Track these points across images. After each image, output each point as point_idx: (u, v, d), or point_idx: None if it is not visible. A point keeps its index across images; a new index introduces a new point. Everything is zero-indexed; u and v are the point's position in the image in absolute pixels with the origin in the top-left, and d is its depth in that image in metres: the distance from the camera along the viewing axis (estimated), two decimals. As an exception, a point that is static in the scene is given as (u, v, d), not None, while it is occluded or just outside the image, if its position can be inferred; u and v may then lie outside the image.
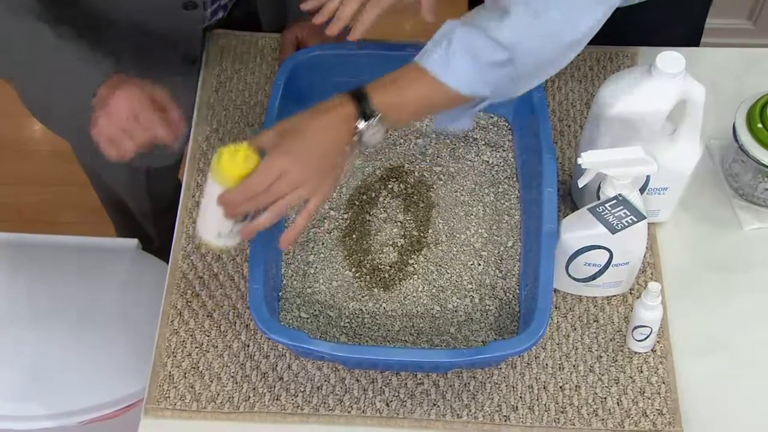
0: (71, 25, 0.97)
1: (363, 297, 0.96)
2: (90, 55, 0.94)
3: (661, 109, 0.88)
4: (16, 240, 1.28)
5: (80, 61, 0.94)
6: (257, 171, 0.81)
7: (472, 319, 0.94)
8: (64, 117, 1.00)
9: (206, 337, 0.95)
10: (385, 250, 0.98)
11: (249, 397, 0.91)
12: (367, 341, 0.93)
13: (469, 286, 0.96)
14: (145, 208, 1.42)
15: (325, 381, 0.92)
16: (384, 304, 0.95)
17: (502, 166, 1.04)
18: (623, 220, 0.87)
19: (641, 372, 0.92)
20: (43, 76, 0.97)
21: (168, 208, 1.24)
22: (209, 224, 0.85)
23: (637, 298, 0.95)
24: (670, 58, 0.86)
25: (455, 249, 0.98)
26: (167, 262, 1.01)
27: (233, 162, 0.81)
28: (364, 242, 0.99)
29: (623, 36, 1.15)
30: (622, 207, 0.87)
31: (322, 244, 0.99)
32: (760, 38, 1.97)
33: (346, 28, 1.12)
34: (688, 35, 1.21)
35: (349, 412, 0.90)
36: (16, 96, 1.23)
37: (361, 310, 0.95)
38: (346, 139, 0.83)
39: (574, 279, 0.95)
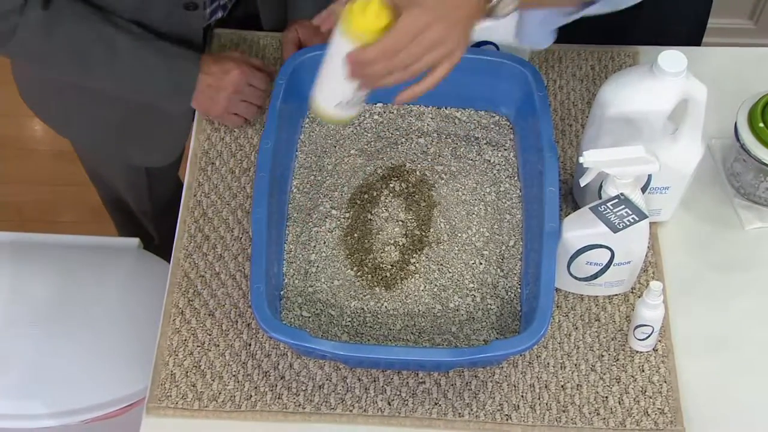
0: None
1: (365, 296, 0.96)
2: (172, 47, 1.03)
3: (663, 109, 0.88)
4: (17, 239, 1.28)
5: (170, 55, 1.03)
6: (398, 26, 0.75)
7: (473, 318, 0.94)
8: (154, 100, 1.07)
9: (208, 336, 0.95)
10: (386, 249, 0.98)
11: (251, 395, 0.91)
12: (368, 340, 0.93)
13: (471, 285, 0.96)
14: (145, 207, 1.42)
15: (327, 380, 0.92)
16: (386, 303, 0.95)
17: (504, 165, 1.04)
18: (625, 219, 0.87)
19: (643, 371, 0.92)
20: (136, 79, 1.05)
21: (169, 207, 1.24)
22: (328, 91, 0.79)
23: (639, 297, 0.95)
24: (671, 58, 0.86)
25: (457, 248, 0.98)
26: (168, 261, 1.01)
27: (365, 16, 0.75)
28: (366, 241, 0.99)
29: (625, 35, 1.15)
30: (623, 206, 0.88)
31: (324, 243, 0.99)
32: (761, 38, 1.98)
33: None
34: (691, 34, 1.21)
35: (351, 411, 0.90)
36: (17, 96, 1.23)
37: (363, 309, 0.95)
38: (482, 5, 0.79)
39: (576, 278, 0.95)
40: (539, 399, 0.91)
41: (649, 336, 0.92)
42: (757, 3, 1.91)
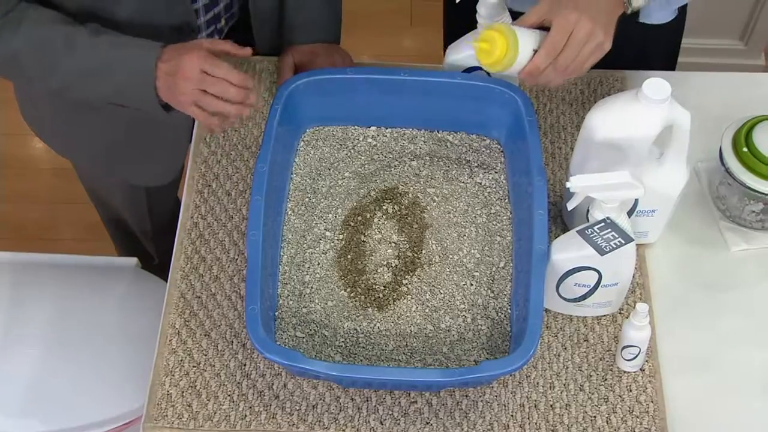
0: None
1: (358, 317, 0.98)
2: (133, 39, 0.99)
3: (648, 134, 0.90)
4: (15, 259, 1.30)
5: (129, 45, 0.99)
6: (553, 31, 0.90)
7: (464, 338, 0.96)
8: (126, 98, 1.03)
9: (204, 356, 0.96)
10: (379, 271, 1.00)
11: (246, 415, 0.93)
12: (361, 360, 0.95)
13: (462, 306, 0.98)
14: (145, 226, 1.44)
15: (321, 399, 0.94)
16: (378, 324, 0.97)
17: (495, 187, 1.06)
18: (611, 242, 0.89)
19: (630, 391, 0.94)
20: (97, 73, 1.00)
21: (168, 227, 1.26)
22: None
23: (626, 318, 0.96)
24: (655, 85, 0.88)
25: (448, 269, 1.00)
26: (167, 281, 1.03)
27: (497, 53, 0.91)
28: (359, 263, 1.01)
29: (612, 59, 1.17)
30: (610, 230, 0.90)
31: (318, 264, 1.01)
32: (751, 59, 2.00)
33: (349, 59, 1.15)
34: (669, 54, 1.25)
35: (344, 430, 0.92)
36: (18, 114, 1.26)
37: (356, 329, 0.97)
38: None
39: (565, 299, 0.97)
40: (529, 419, 0.93)
41: (636, 356, 0.93)
42: (747, 24, 1.94)
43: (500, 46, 0.90)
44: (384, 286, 0.99)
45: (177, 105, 0.99)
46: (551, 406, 0.93)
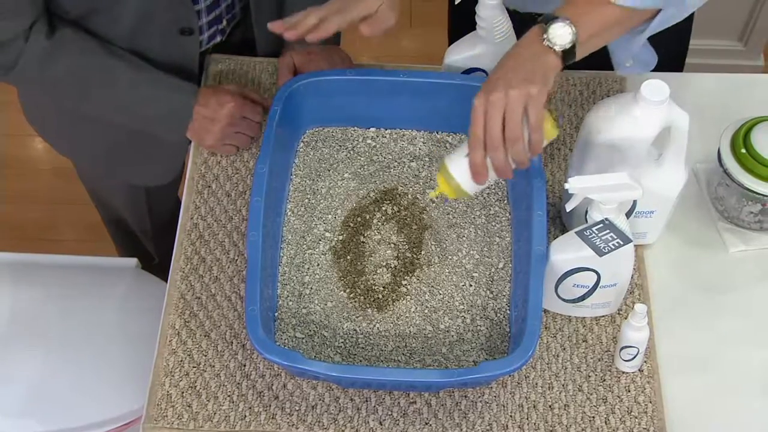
0: None
1: (357, 317, 0.98)
2: (169, 78, 1.07)
3: (647, 136, 0.91)
4: (16, 260, 1.30)
5: (167, 86, 1.07)
6: (471, 123, 0.84)
7: (463, 339, 0.96)
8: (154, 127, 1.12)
9: (204, 357, 0.97)
10: (378, 272, 1.01)
11: (245, 416, 0.93)
12: (360, 361, 0.95)
13: (461, 306, 0.98)
14: (145, 226, 1.45)
15: (320, 400, 0.94)
16: (377, 325, 0.97)
17: (493, 188, 1.07)
18: (610, 244, 0.89)
19: (629, 391, 0.95)
20: (132, 109, 1.08)
21: (169, 227, 1.26)
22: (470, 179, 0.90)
23: (625, 318, 0.97)
24: (654, 87, 0.89)
25: (447, 270, 1.01)
26: (167, 281, 1.03)
27: (441, 187, 0.92)
28: (359, 263, 1.01)
29: (607, 59, 1.17)
30: (608, 231, 0.90)
31: (317, 265, 1.01)
32: (750, 59, 2.01)
33: (348, 60, 1.15)
34: (674, 56, 1.24)
35: (344, 430, 0.92)
36: (19, 115, 1.26)
37: (355, 330, 0.97)
38: (537, 48, 0.85)
39: (563, 300, 0.97)
40: (527, 419, 0.93)
41: (634, 357, 0.94)
42: (746, 24, 1.94)
43: (442, 187, 0.91)
44: (383, 287, 1.00)
45: (200, 142, 1.10)
46: (550, 406, 0.93)
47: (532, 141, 0.85)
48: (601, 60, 1.14)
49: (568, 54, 0.86)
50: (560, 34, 0.85)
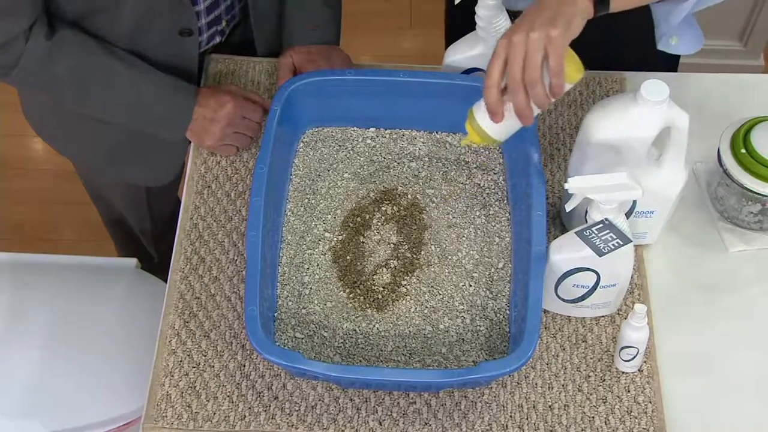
0: None
1: (357, 318, 0.98)
2: (170, 79, 1.07)
3: (646, 136, 0.91)
4: (16, 260, 1.30)
5: (166, 86, 1.06)
6: (490, 63, 0.84)
7: (463, 339, 0.96)
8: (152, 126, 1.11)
9: (203, 357, 0.97)
10: (378, 272, 1.01)
11: (245, 416, 0.93)
12: (360, 361, 0.95)
13: (461, 306, 0.98)
14: (145, 226, 1.45)
15: (320, 400, 0.94)
16: (377, 325, 0.97)
17: (493, 188, 1.07)
18: (609, 244, 0.89)
19: (628, 392, 0.94)
20: (131, 109, 1.08)
21: (168, 226, 1.26)
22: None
23: (625, 318, 0.97)
24: (654, 87, 0.89)
25: (447, 270, 1.01)
26: (167, 280, 1.03)
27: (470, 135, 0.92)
28: (358, 264, 1.01)
29: (611, 60, 1.17)
30: (608, 231, 0.90)
31: (317, 265, 1.01)
32: (750, 59, 2.01)
33: (348, 60, 1.15)
34: (671, 56, 1.24)
35: (343, 431, 0.92)
36: (19, 116, 1.26)
37: (355, 330, 0.97)
38: None
39: (563, 300, 0.97)
40: (527, 419, 0.93)
41: (634, 357, 0.94)
42: (746, 25, 1.94)
43: (471, 135, 0.91)
44: (383, 287, 0.99)
45: (199, 142, 1.10)
46: (549, 406, 0.93)
47: (552, 85, 0.83)
48: (601, 60, 1.15)
49: (601, 0, 0.84)
50: None
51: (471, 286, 1.00)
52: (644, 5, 0.91)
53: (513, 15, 1.02)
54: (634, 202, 0.97)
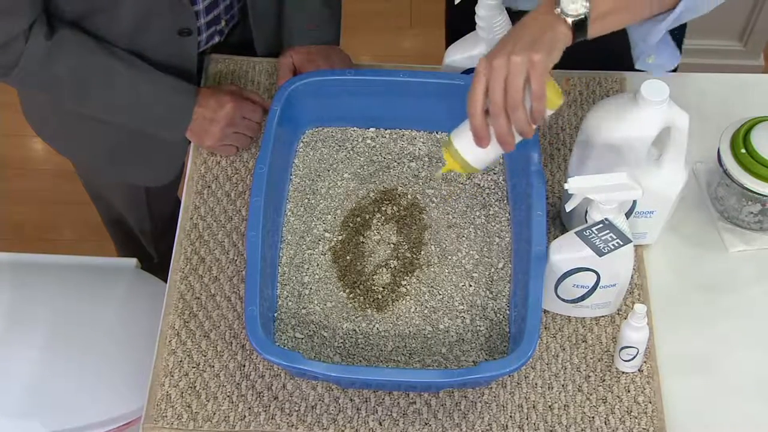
0: None
1: (356, 318, 0.98)
2: (170, 79, 1.07)
3: (646, 136, 0.91)
4: (16, 260, 1.30)
5: (166, 86, 1.06)
6: (471, 87, 0.83)
7: (463, 339, 0.96)
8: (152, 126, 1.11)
9: (203, 357, 0.97)
10: (378, 272, 1.01)
11: (245, 416, 0.93)
12: (360, 361, 0.95)
13: (461, 307, 0.98)
14: (145, 226, 1.45)
15: (320, 400, 0.94)
16: (377, 325, 0.97)
17: (493, 188, 1.07)
18: (609, 244, 0.89)
19: (628, 392, 0.94)
20: (130, 110, 1.08)
21: (168, 226, 1.26)
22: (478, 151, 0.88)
23: (625, 318, 0.97)
24: (654, 87, 0.89)
25: (447, 270, 1.01)
26: (166, 280, 1.03)
27: (449, 163, 0.90)
28: (358, 264, 1.01)
29: (612, 61, 1.17)
30: (608, 231, 0.90)
31: (317, 265, 1.01)
32: (750, 59, 2.01)
33: (348, 60, 1.15)
34: None
35: (343, 431, 0.92)
36: (18, 116, 1.26)
37: (355, 330, 0.97)
38: (549, 18, 0.83)
39: (563, 300, 0.97)
40: (527, 419, 0.93)
41: (634, 357, 0.94)
42: (746, 25, 1.94)
43: (449, 163, 0.89)
44: (383, 287, 0.99)
45: (199, 142, 1.10)
46: (549, 406, 0.93)
47: (533, 110, 0.83)
48: (601, 60, 1.15)
49: (579, 27, 0.84)
50: (573, 5, 0.83)
51: (471, 286, 1.00)
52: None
53: (513, 15, 1.02)
54: (634, 202, 0.97)
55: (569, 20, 0.83)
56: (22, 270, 1.29)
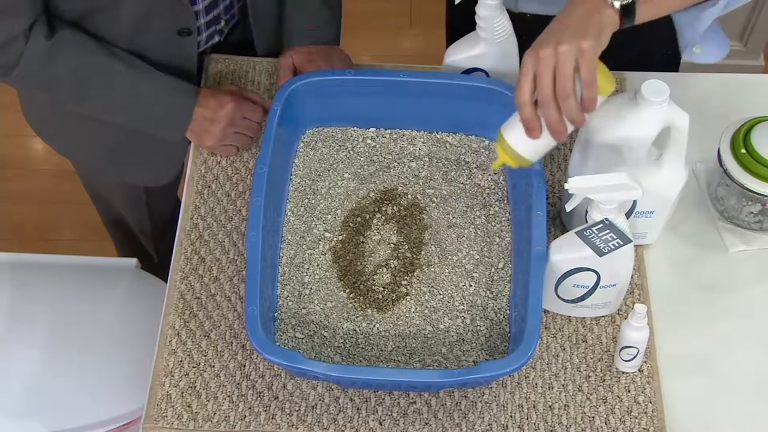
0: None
1: (357, 318, 0.98)
2: (170, 79, 1.07)
3: (646, 136, 0.91)
4: (16, 260, 1.30)
5: (165, 86, 1.06)
6: (518, 80, 0.82)
7: (463, 339, 0.96)
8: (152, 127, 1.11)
9: (203, 357, 0.97)
10: (378, 272, 1.01)
11: (245, 416, 0.93)
12: (360, 361, 0.95)
13: (461, 306, 0.98)
14: (145, 226, 1.45)
15: (320, 400, 0.94)
16: (377, 325, 0.97)
17: (493, 188, 1.07)
18: (610, 244, 0.89)
19: (628, 392, 0.95)
20: (130, 110, 1.08)
21: (168, 227, 1.26)
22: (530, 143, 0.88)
23: (625, 318, 0.97)
24: (654, 86, 0.89)
25: (447, 270, 1.01)
26: (167, 280, 1.03)
27: (501, 157, 0.90)
28: (359, 264, 1.01)
29: (611, 60, 1.17)
30: (608, 231, 0.90)
31: (317, 265, 1.01)
32: (750, 59, 2.01)
33: (348, 60, 1.15)
34: (671, 54, 1.24)
35: (343, 430, 0.92)
36: (18, 116, 1.26)
37: (355, 330, 0.97)
38: (595, 3, 0.81)
39: (563, 300, 0.97)
40: (527, 419, 0.93)
41: (634, 357, 0.94)
42: (747, 25, 1.94)
43: (501, 156, 0.89)
44: (383, 287, 0.99)
45: (200, 143, 1.09)
46: (550, 406, 0.93)
47: (585, 98, 0.81)
48: (601, 60, 1.15)
49: (627, 11, 0.82)
50: None
51: (471, 286, 1.00)
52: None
53: (513, 16, 1.02)
54: (634, 202, 0.97)
55: (617, 4, 0.82)
56: (22, 270, 1.29)
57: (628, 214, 0.97)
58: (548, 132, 0.85)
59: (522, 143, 0.87)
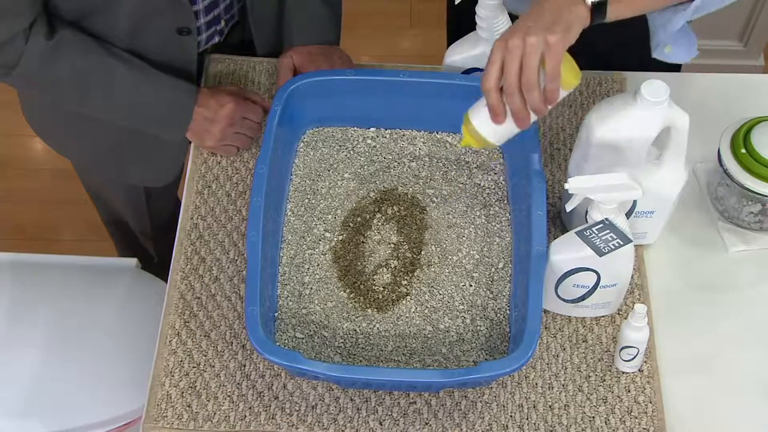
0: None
1: (357, 318, 0.98)
2: (170, 79, 1.07)
3: (646, 136, 0.91)
4: (16, 260, 1.30)
5: (165, 86, 1.07)
6: (486, 66, 0.83)
7: (463, 339, 0.96)
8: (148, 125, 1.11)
9: (204, 357, 0.97)
10: (378, 272, 1.01)
11: (245, 416, 0.93)
12: (360, 361, 0.95)
13: (461, 306, 0.98)
14: (145, 226, 1.45)
15: (320, 400, 0.94)
16: (377, 325, 0.97)
17: (494, 188, 1.07)
18: (610, 244, 0.89)
19: (629, 392, 0.95)
20: (130, 110, 1.08)
21: (168, 227, 1.26)
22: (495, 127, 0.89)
23: (625, 318, 0.97)
24: (654, 87, 0.89)
25: (447, 270, 1.01)
26: (167, 281, 1.03)
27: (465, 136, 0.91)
28: (359, 264, 1.01)
29: (612, 60, 1.17)
30: (608, 231, 0.90)
31: (317, 265, 1.01)
32: (750, 59, 2.01)
33: (348, 60, 1.15)
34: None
35: (344, 430, 0.92)
36: (18, 116, 1.26)
37: (355, 330, 0.97)
38: (567, 0, 0.83)
39: (563, 300, 0.97)
40: (527, 419, 0.93)
41: (634, 357, 0.94)
42: (747, 25, 1.94)
43: (466, 138, 0.91)
44: (383, 287, 1.00)
45: (200, 143, 1.10)
46: (550, 406, 0.94)
47: (547, 90, 0.83)
48: (601, 60, 1.15)
49: (598, 8, 0.83)
50: None
51: (471, 286, 1.00)
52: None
53: (513, 17, 1.02)
54: (634, 202, 0.97)
55: (588, 1, 0.83)
56: (22, 270, 1.29)
57: (628, 214, 0.97)
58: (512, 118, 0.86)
59: (487, 127, 0.89)
